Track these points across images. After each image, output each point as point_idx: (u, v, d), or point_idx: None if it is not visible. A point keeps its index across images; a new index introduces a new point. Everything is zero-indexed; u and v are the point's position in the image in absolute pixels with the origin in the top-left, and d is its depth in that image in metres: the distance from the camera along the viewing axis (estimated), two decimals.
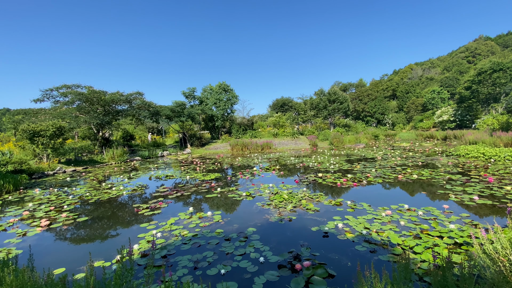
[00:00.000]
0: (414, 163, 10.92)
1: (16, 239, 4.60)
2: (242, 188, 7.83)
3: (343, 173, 9.26)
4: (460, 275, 1.84)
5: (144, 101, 20.24)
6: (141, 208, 6.15)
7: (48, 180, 10.68)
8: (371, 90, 47.98)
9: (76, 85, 18.04)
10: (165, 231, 4.67)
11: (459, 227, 4.20)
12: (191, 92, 27.46)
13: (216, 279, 3.15)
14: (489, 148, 11.75)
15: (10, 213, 6.16)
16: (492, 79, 28.38)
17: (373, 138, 26.64)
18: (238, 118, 32.36)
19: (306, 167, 11.24)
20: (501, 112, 25.82)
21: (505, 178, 7.34)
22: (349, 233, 4.24)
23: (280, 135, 26.18)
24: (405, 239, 3.86)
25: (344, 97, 31.26)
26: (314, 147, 21.00)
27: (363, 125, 39.36)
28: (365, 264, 3.07)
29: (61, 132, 13.47)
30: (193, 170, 11.74)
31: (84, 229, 5.06)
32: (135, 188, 8.43)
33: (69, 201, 6.95)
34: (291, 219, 5.01)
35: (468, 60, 62.04)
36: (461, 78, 43.95)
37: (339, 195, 6.64)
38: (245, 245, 3.99)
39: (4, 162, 10.29)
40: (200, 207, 6.15)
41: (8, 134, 27.74)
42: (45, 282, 1.75)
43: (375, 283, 1.80)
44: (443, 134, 24.69)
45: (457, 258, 3.22)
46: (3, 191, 8.31)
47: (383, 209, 5.27)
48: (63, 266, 3.60)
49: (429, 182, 7.48)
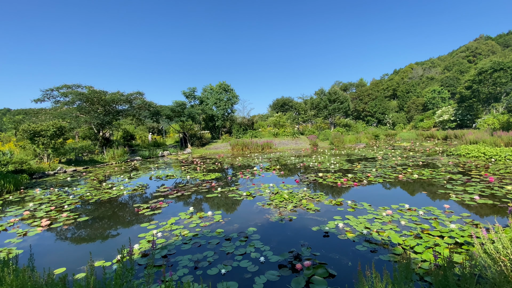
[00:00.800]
0: (415, 162, 10.91)
1: (16, 239, 4.61)
2: (243, 188, 7.82)
3: (343, 173, 9.25)
4: (462, 275, 1.84)
5: (145, 101, 20.25)
6: (141, 208, 6.16)
7: (48, 180, 10.69)
8: (372, 90, 47.91)
9: (77, 85, 18.05)
10: (166, 231, 4.67)
11: (459, 226, 4.19)
12: (192, 92, 27.48)
13: (217, 279, 3.15)
14: (489, 148, 11.73)
15: (10, 213, 6.17)
16: (493, 78, 28.33)
17: (374, 137, 26.61)
18: (239, 118, 32.37)
19: (306, 167, 11.23)
20: (502, 112, 25.77)
21: (506, 178, 7.32)
22: (350, 232, 4.23)
23: (281, 135, 26.18)
24: (406, 239, 3.85)
25: (344, 96, 31.24)
26: (315, 147, 20.99)
27: (364, 124, 39.33)
28: (365, 264, 3.07)
29: (62, 132, 13.49)
30: (194, 170, 11.74)
31: (84, 229, 5.07)
32: (136, 188, 8.43)
33: (69, 201, 6.96)
34: (291, 219, 5.01)
35: (468, 60, 61.95)
36: (461, 78, 43.89)
37: (339, 194, 6.64)
38: (246, 245, 3.98)
39: (4, 162, 10.31)
40: (201, 207, 6.15)
41: (8, 134, 27.77)
42: (46, 282, 1.75)
43: (376, 283, 1.79)
44: (443, 133, 24.66)
45: (458, 258, 3.21)
46: (4, 191, 8.32)
47: (384, 208, 5.26)
48: (64, 266, 3.60)
49: (430, 181, 7.47)
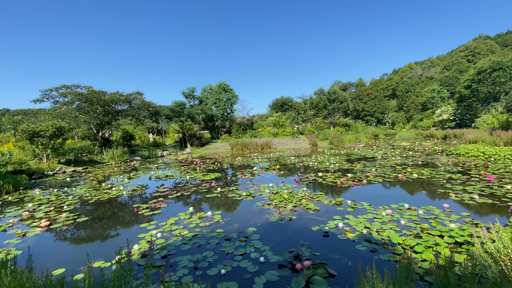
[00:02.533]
0: (414, 162, 10.91)
1: (15, 240, 4.59)
2: (242, 188, 7.81)
3: (343, 173, 9.25)
4: (463, 275, 1.83)
5: (144, 101, 20.22)
6: (141, 208, 6.14)
7: (48, 181, 10.67)
8: (371, 90, 47.92)
9: (76, 85, 18.00)
10: (165, 231, 4.65)
11: (459, 226, 4.19)
12: (191, 92, 27.45)
13: (217, 279, 3.14)
14: (489, 147, 11.74)
15: (9, 214, 6.15)
16: (492, 78, 28.36)
17: (373, 137, 26.62)
18: (238, 118, 32.35)
19: (306, 166, 11.23)
20: (501, 111, 25.81)
21: (505, 177, 7.33)
22: (350, 232, 4.22)
23: (280, 134, 26.17)
24: (406, 239, 3.85)
25: (344, 96, 31.24)
26: (314, 147, 20.99)
27: (363, 124, 39.35)
28: (365, 264, 3.07)
29: (61, 132, 13.45)
30: (193, 170, 11.72)
31: (84, 230, 5.05)
32: (135, 188, 8.41)
33: (69, 202, 6.94)
34: (291, 219, 5.00)
35: (467, 59, 61.99)
36: (461, 77, 43.90)
37: (339, 194, 6.63)
38: (246, 245, 3.97)
39: (3, 162, 10.28)
40: (200, 207, 6.14)
41: (7, 134, 27.70)
42: (44, 283, 1.74)
43: (377, 283, 1.78)
44: (443, 133, 24.69)
45: (458, 258, 3.21)
46: (3, 192, 8.29)
47: (384, 208, 5.26)
48: (63, 266, 3.58)
49: (429, 181, 7.47)
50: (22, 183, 9.81)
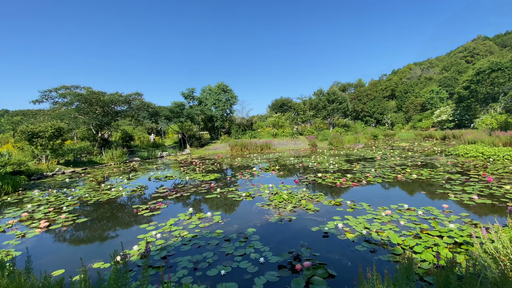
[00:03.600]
0: (414, 162, 10.92)
1: (15, 241, 4.57)
2: (242, 188, 7.81)
3: (342, 173, 9.25)
4: (463, 275, 1.83)
5: (143, 101, 20.21)
6: (140, 209, 6.13)
7: (47, 181, 10.64)
8: (370, 90, 48.00)
9: (75, 86, 17.99)
10: (165, 232, 4.65)
11: (458, 226, 4.19)
12: (190, 92, 27.45)
13: (216, 280, 3.14)
14: (488, 148, 11.76)
15: (9, 215, 6.13)
16: (491, 78, 28.44)
17: (372, 138, 26.65)
18: (238, 119, 32.35)
19: (305, 167, 11.23)
20: (500, 112, 25.87)
21: (504, 178, 7.34)
22: (349, 233, 4.22)
23: (280, 135, 26.17)
24: (405, 239, 3.85)
25: (343, 97, 31.27)
26: (314, 147, 20.99)
27: (362, 125, 39.37)
28: (365, 264, 3.07)
29: (60, 133, 13.43)
30: (193, 170, 11.71)
31: (83, 230, 5.04)
32: (135, 189, 8.40)
33: (68, 202, 6.92)
34: (291, 219, 5.00)
35: (466, 60, 62.14)
36: (459, 78, 43.99)
37: (338, 195, 6.63)
38: (245, 246, 3.97)
39: (2, 163, 10.25)
40: (200, 208, 6.13)
41: (6, 135, 27.62)
42: (43, 284, 1.73)
43: (377, 284, 1.78)
44: (442, 133, 24.75)
45: (458, 258, 3.21)
46: (2, 193, 8.26)
47: (383, 209, 5.26)
48: (62, 267, 3.57)
49: (429, 181, 7.47)
50: (21, 184, 9.78)
